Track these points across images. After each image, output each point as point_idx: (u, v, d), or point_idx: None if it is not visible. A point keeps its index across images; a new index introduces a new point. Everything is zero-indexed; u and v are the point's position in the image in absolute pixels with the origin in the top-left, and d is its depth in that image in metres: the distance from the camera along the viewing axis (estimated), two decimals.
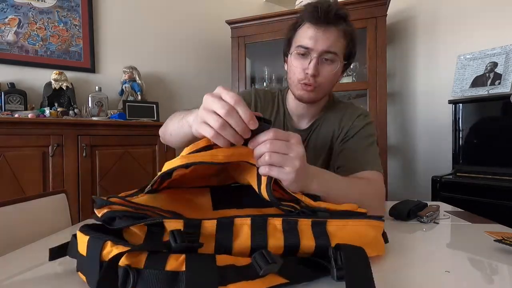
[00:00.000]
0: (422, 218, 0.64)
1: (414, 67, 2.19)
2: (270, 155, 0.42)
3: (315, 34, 0.70)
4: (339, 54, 0.73)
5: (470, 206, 0.85)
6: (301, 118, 0.86)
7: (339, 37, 0.72)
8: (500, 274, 0.40)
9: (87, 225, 0.38)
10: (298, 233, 0.38)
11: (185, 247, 0.32)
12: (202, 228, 0.36)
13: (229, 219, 0.37)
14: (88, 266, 0.34)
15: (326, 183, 0.53)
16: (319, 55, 0.71)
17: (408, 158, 2.24)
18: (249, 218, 0.38)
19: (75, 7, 1.93)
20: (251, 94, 0.88)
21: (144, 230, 0.37)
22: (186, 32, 2.37)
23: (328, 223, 0.39)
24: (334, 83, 0.79)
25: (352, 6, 1.87)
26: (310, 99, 0.77)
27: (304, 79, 0.73)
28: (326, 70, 0.73)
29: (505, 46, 1.71)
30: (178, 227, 0.35)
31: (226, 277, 0.30)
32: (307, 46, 0.71)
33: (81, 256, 0.35)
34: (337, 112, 0.84)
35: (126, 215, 0.36)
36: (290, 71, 0.77)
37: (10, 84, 1.66)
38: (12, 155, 1.38)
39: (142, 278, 0.30)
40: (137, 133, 1.75)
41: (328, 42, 0.70)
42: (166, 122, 0.70)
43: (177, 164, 0.40)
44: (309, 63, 0.71)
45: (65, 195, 0.81)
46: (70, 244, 0.39)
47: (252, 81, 2.37)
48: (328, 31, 0.70)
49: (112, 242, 0.32)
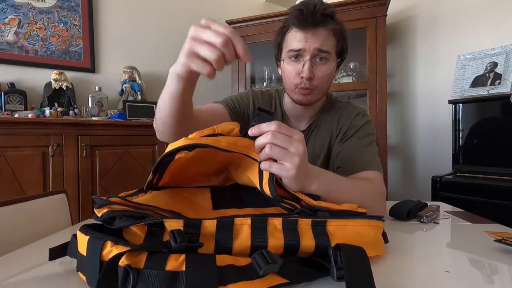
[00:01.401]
0: (422, 218, 0.64)
1: (414, 67, 2.19)
2: (271, 147, 0.42)
3: (305, 37, 0.70)
4: (332, 52, 0.72)
5: (470, 206, 0.85)
6: (299, 119, 0.86)
7: (329, 36, 0.71)
8: (500, 274, 0.40)
9: (87, 225, 0.38)
10: (298, 233, 0.38)
11: (185, 247, 0.32)
12: (202, 228, 0.36)
13: (229, 219, 0.37)
14: (88, 266, 0.34)
15: (326, 184, 0.53)
16: (311, 57, 0.71)
17: (408, 158, 2.24)
18: (249, 218, 0.37)
19: (75, 7, 1.93)
20: (249, 96, 0.88)
21: (144, 230, 0.36)
22: (186, 32, 2.35)
23: (328, 223, 0.39)
24: (330, 82, 0.78)
25: (352, 6, 1.87)
26: (309, 102, 0.77)
27: (300, 84, 0.73)
28: (321, 70, 0.72)
29: (505, 46, 1.71)
30: (178, 226, 0.35)
31: (226, 277, 0.30)
32: (298, 49, 0.71)
33: (81, 256, 0.35)
34: (335, 112, 0.84)
35: (126, 215, 0.36)
36: (285, 76, 0.77)
37: (10, 84, 1.66)
38: (12, 155, 1.38)
39: (142, 278, 0.30)
40: (137, 133, 1.75)
41: (318, 42, 0.70)
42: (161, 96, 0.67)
43: (181, 145, 0.40)
44: (303, 66, 0.71)
45: (65, 195, 0.81)
46: (70, 244, 0.39)
47: (252, 81, 2.37)
48: (317, 33, 0.70)
49: (112, 242, 0.32)
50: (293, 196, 0.44)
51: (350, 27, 1.90)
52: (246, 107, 0.85)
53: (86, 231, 0.36)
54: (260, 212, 0.46)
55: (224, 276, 0.30)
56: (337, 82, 2.10)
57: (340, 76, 2.12)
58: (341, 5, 1.89)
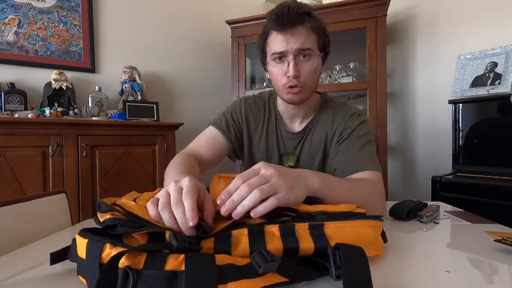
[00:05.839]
0: (422, 218, 0.64)
1: (414, 67, 2.19)
2: (261, 189, 0.41)
3: (285, 38, 0.71)
4: (314, 48, 0.74)
5: (470, 206, 0.85)
6: (293, 119, 0.86)
7: (308, 33, 0.72)
8: (500, 274, 0.40)
9: (86, 229, 0.38)
10: (297, 237, 0.38)
11: (185, 248, 0.32)
12: (201, 243, 0.36)
13: (226, 233, 0.37)
14: (88, 269, 0.34)
15: (326, 180, 0.53)
16: (294, 56, 0.72)
17: (408, 158, 2.24)
18: (246, 228, 0.37)
19: (75, 7, 1.93)
20: (241, 106, 0.90)
21: (145, 238, 0.37)
22: (186, 32, 2.37)
23: (326, 226, 0.39)
24: (318, 78, 0.80)
25: (352, 6, 1.87)
26: (300, 100, 0.78)
27: (288, 83, 0.74)
28: (306, 67, 0.74)
29: (505, 46, 1.71)
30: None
31: (225, 276, 0.30)
32: (281, 51, 0.72)
33: (80, 260, 0.36)
34: (330, 113, 0.84)
35: (127, 224, 0.36)
36: (273, 79, 0.79)
37: (10, 84, 1.66)
38: (12, 155, 1.38)
39: (141, 279, 0.30)
40: (137, 133, 1.75)
41: (299, 41, 0.71)
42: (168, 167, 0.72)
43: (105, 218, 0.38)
44: (288, 65, 0.72)
45: (65, 195, 0.81)
46: (70, 248, 0.39)
47: (252, 81, 2.37)
48: (296, 32, 0.71)
49: (111, 244, 0.32)
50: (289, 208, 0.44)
51: (350, 27, 1.92)
52: (237, 121, 0.89)
53: (85, 235, 0.36)
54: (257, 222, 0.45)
55: (224, 275, 0.30)
56: (337, 82, 2.10)
57: (340, 76, 2.12)
58: (341, 5, 1.89)
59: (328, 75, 2.13)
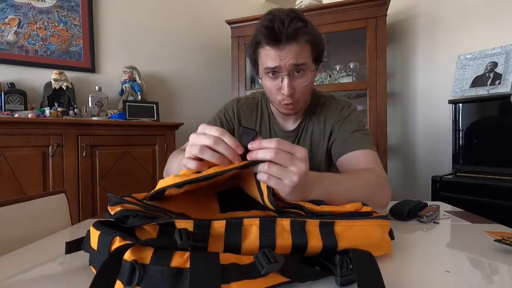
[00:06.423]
0: (422, 218, 0.64)
1: (414, 67, 2.19)
2: (269, 165, 0.41)
3: (279, 55, 0.68)
4: (308, 62, 0.71)
5: (470, 206, 0.85)
6: (286, 119, 0.87)
7: (303, 46, 0.69)
8: (500, 274, 0.40)
9: (100, 221, 0.38)
10: (306, 233, 0.38)
11: (190, 246, 0.32)
12: (211, 228, 0.36)
13: (238, 220, 0.38)
14: (98, 260, 0.35)
15: (325, 189, 0.52)
16: (289, 72, 0.70)
17: (408, 158, 2.24)
18: (258, 218, 0.38)
19: (75, 7, 1.93)
20: (233, 107, 0.90)
21: (156, 230, 0.37)
22: (186, 32, 2.37)
23: (336, 224, 0.39)
24: (311, 88, 0.80)
25: (352, 6, 1.87)
26: (295, 113, 0.80)
27: (283, 100, 0.74)
28: (300, 83, 0.72)
29: (505, 46, 1.71)
30: (188, 227, 0.36)
31: (229, 276, 0.31)
32: (274, 66, 0.69)
33: (92, 250, 0.36)
34: (321, 109, 0.86)
35: (138, 215, 0.37)
36: (267, 91, 0.78)
37: (10, 84, 1.66)
38: (12, 155, 1.38)
39: (147, 274, 0.30)
40: (137, 133, 1.75)
41: (294, 57, 0.68)
42: (167, 163, 0.73)
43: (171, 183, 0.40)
44: (282, 81, 0.71)
45: (65, 195, 0.81)
46: (85, 238, 0.40)
47: (252, 81, 2.37)
48: (291, 48, 0.67)
49: (121, 237, 0.33)
50: (296, 206, 0.44)
51: (350, 27, 1.92)
52: (230, 121, 0.90)
53: (98, 227, 0.36)
54: (267, 214, 0.46)
55: (227, 275, 0.31)
56: (337, 82, 2.10)
57: (340, 76, 2.12)
58: (341, 5, 1.89)
59: (328, 75, 2.13)
